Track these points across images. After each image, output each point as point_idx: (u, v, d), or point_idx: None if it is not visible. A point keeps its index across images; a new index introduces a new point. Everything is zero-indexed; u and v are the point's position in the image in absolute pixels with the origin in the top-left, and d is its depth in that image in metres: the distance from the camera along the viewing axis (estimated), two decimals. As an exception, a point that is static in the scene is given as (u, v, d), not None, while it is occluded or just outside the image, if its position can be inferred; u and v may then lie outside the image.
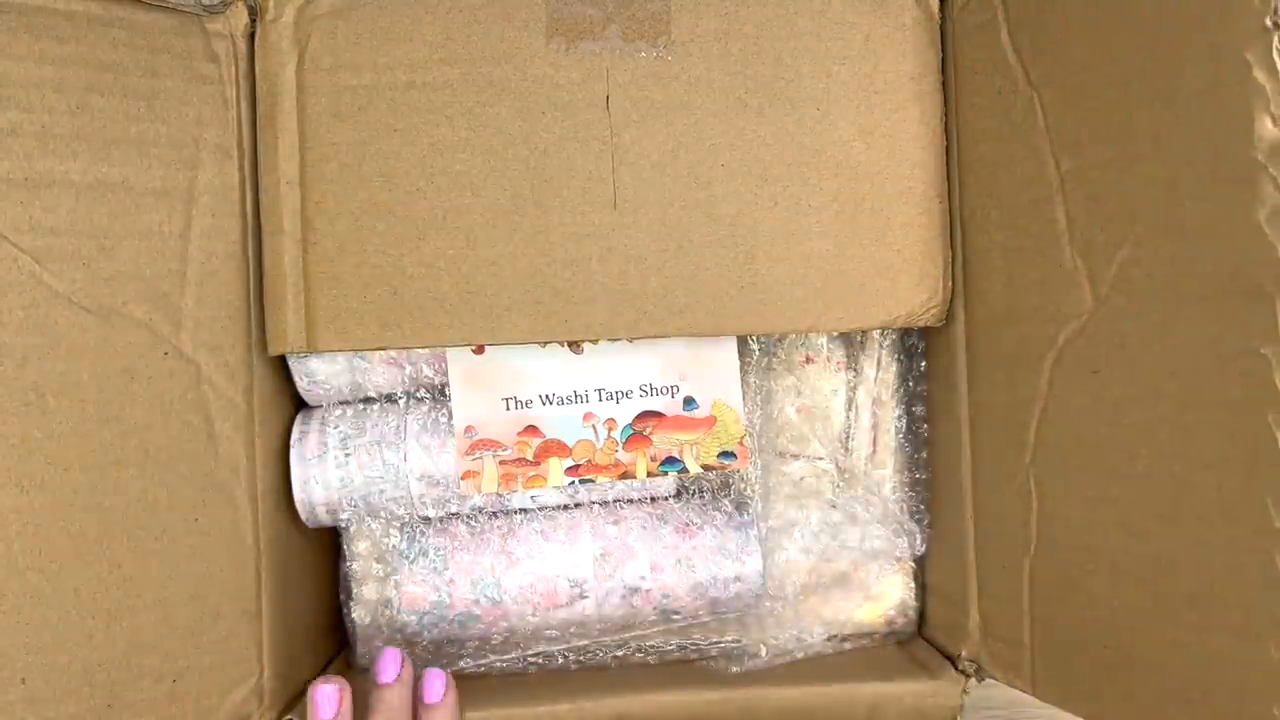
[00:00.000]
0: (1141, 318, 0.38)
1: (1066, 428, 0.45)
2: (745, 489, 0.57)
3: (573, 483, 0.52)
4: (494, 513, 0.56)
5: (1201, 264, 0.36)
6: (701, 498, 0.56)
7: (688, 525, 0.55)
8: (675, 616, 0.55)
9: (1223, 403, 0.35)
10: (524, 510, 0.56)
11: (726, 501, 0.56)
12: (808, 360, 0.57)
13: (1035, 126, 0.45)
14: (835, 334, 0.57)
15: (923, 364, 0.57)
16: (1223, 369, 0.35)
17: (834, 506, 0.57)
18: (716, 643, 0.57)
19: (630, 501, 0.56)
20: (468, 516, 0.55)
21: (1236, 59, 0.33)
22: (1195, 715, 0.37)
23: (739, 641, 0.56)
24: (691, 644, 0.57)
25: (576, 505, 0.56)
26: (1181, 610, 0.38)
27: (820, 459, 0.57)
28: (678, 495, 0.57)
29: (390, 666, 0.46)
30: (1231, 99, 0.34)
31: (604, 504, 0.56)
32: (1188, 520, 0.37)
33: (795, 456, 0.57)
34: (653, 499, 0.56)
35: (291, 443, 0.52)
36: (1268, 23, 0.32)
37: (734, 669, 0.54)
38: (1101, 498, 0.42)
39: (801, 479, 0.57)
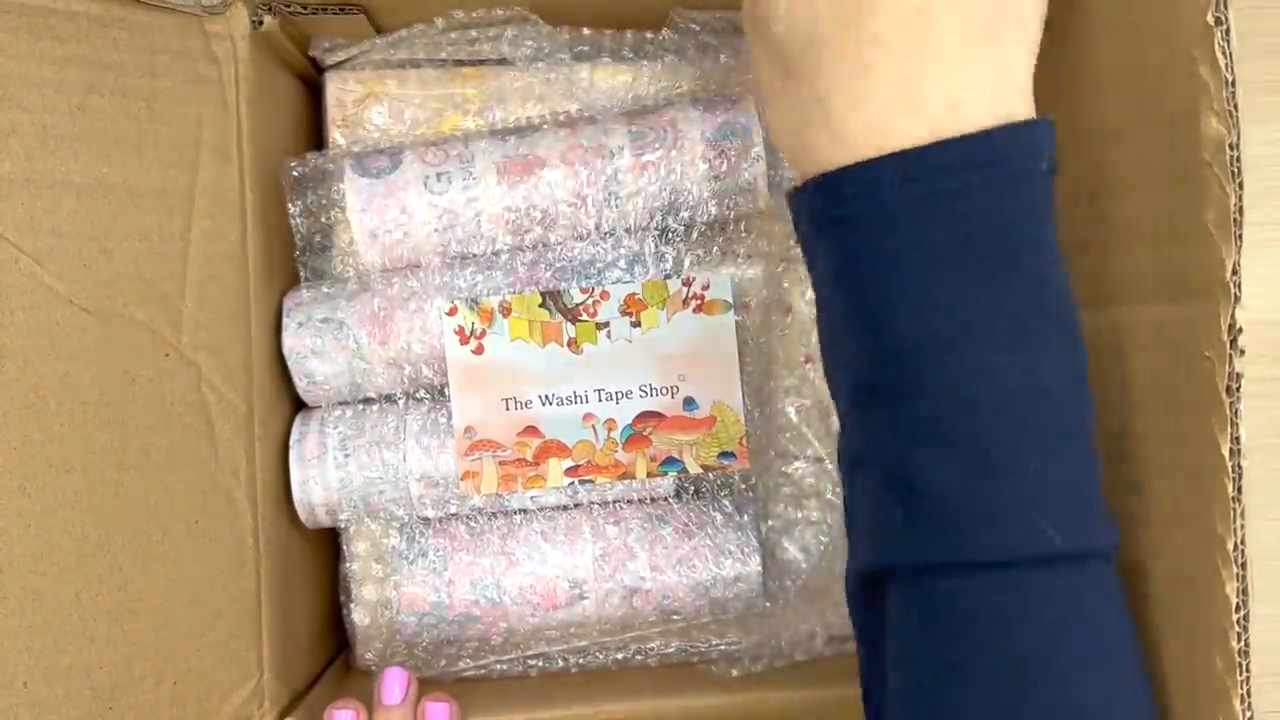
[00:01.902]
0: (1111, 320, 0.38)
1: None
2: (745, 489, 0.57)
3: (572, 484, 0.52)
4: (493, 513, 0.56)
5: (1160, 265, 0.36)
6: (701, 498, 0.56)
7: (687, 526, 0.55)
8: (675, 617, 0.55)
9: (1175, 407, 0.35)
10: (523, 511, 0.56)
11: (726, 502, 0.56)
12: (807, 360, 0.57)
13: None
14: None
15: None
16: (1175, 373, 0.35)
17: (834, 507, 0.57)
18: (717, 645, 0.57)
19: (630, 502, 0.56)
20: (467, 517, 0.55)
21: (1183, 55, 0.33)
22: None
23: (739, 644, 0.56)
24: (692, 646, 0.57)
25: (576, 506, 0.56)
26: (1146, 614, 0.38)
27: (821, 459, 0.57)
28: (677, 496, 0.57)
29: (396, 687, 0.46)
30: (1179, 97, 0.33)
31: (604, 505, 0.56)
32: (1149, 525, 0.37)
33: (795, 457, 0.57)
34: (652, 499, 0.56)
35: (290, 444, 0.52)
36: (1209, 19, 0.32)
37: (734, 672, 0.54)
38: None
39: (802, 479, 0.57)
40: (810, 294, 0.57)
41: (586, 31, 0.56)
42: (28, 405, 0.41)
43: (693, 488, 0.57)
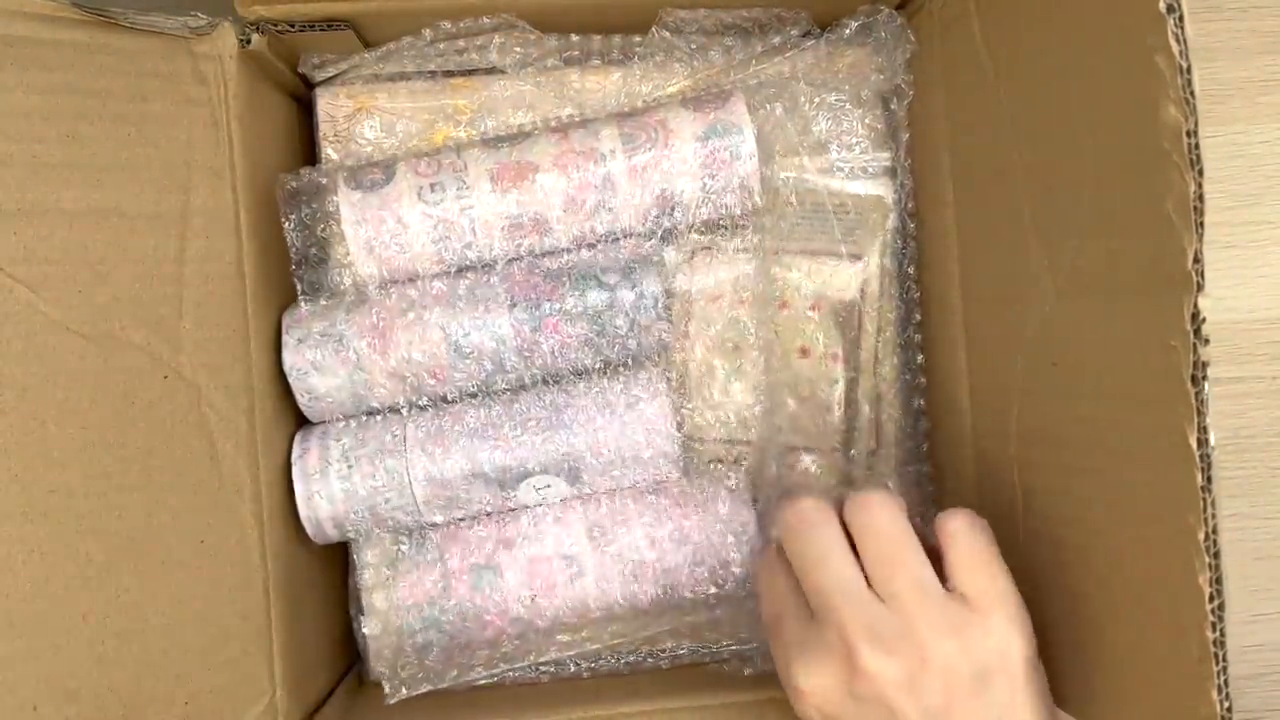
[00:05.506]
0: (1088, 310, 0.38)
1: (1035, 421, 0.45)
2: (752, 488, 0.56)
3: None
4: (496, 512, 0.56)
5: (1129, 255, 0.36)
6: (700, 477, 0.56)
7: (683, 495, 0.55)
8: (676, 592, 0.55)
9: (1147, 398, 0.35)
10: (526, 508, 0.56)
11: (727, 479, 0.56)
12: (804, 352, 0.57)
13: (1001, 118, 0.46)
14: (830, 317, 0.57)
15: (919, 358, 0.57)
16: (1146, 363, 0.35)
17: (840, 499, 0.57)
18: (728, 645, 0.56)
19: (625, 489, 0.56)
20: (471, 516, 0.55)
21: (1139, 44, 0.33)
22: (1141, 714, 0.38)
23: (751, 643, 0.56)
24: (704, 647, 0.57)
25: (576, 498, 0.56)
26: (1130, 607, 0.38)
27: (821, 450, 0.57)
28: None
29: None
30: (1138, 86, 0.33)
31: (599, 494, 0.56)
32: (1130, 518, 0.37)
33: (798, 449, 0.57)
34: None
35: (293, 460, 0.53)
36: (1161, 6, 0.31)
37: (746, 670, 0.54)
38: (1066, 491, 0.42)
39: (806, 471, 0.57)
40: (806, 286, 0.57)
41: (575, 37, 0.56)
42: (28, 432, 0.41)
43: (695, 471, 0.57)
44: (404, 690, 0.52)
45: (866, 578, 0.39)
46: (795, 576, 0.42)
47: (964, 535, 0.40)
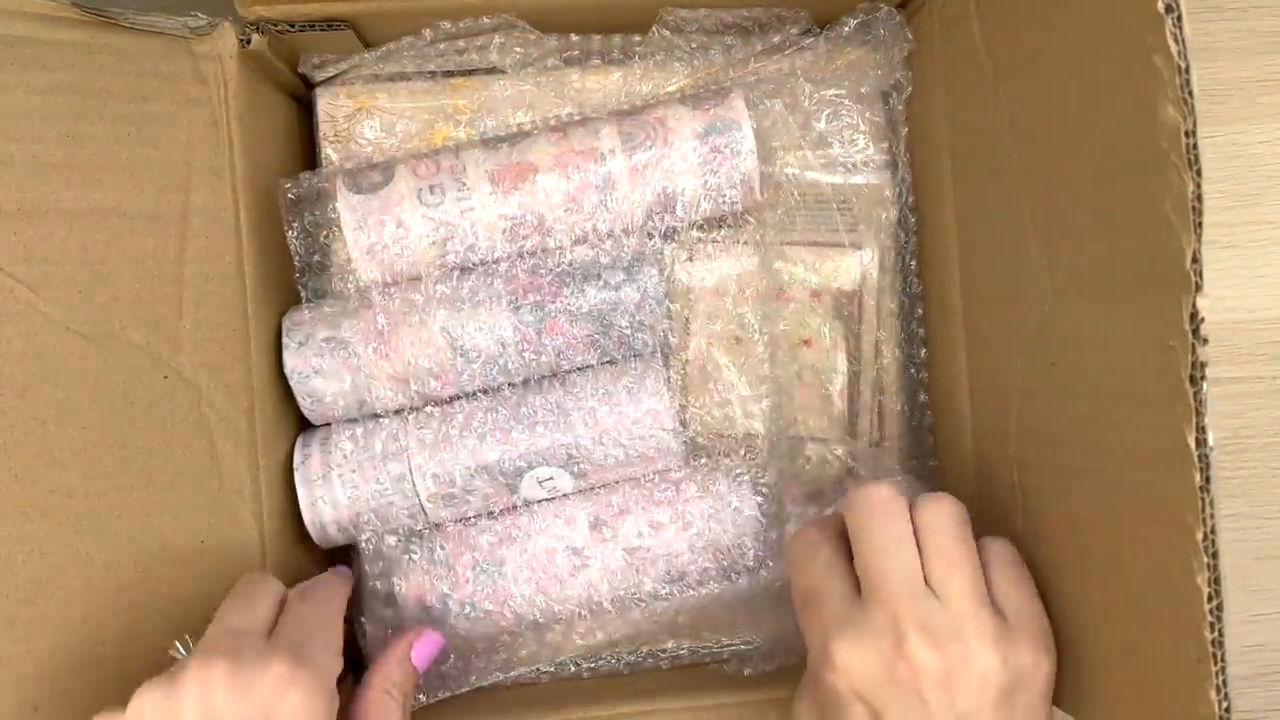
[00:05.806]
0: (1087, 310, 0.38)
1: (1035, 421, 0.45)
2: (756, 471, 0.56)
3: None
4: (501, 510, 0.56)
5: (1128, 255, 0.36)
6: (705, 470, 0.56)
7: (688, 487, 0.55)
8: (682, 581, 0.55)
9: (1146, 398, 0.35)
10: (528, 503, 0.56)
11: (733, 470, 0.56)
12: (806, 343, 0.57)
13: (1001, 118, 0.46)
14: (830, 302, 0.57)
15: (923, 351, 0.57)
16: (1145, 363, 0.35)
17: (846, 491, 0.57)
18: (729, 645, 0.56)
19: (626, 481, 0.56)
20: (476, 516, 0.55)
21: (1138, 44, 0.33)
22: (1140, 714, 0.38)
23: (751, 643, 0.56)
24: (704, 647, 0.57)
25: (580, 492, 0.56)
26: (1129, 607, 0.38)
27: (830, 440, 0.57)
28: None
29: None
30: (1137, 86, 0.33)
31: (600, 487, 0.56)
32: (1129, 518, 0.37)
33: (804, 439, 0.57)
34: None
35: (295, 465, 0.52)
36: (1160, 7, 0.32)
37: (746, 671, 0.54)
38: (1065, 491, 0.42)
39: (813, 463, 0.57)
40: (812, 280, 0.57)
41: (575, 37, 0.56)
42: (28, 432, 0.41)
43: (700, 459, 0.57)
44: (422, 697, 0.52)
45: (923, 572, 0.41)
46: (838, 554, 0.44)
47: (1009, 557, 0.43)
